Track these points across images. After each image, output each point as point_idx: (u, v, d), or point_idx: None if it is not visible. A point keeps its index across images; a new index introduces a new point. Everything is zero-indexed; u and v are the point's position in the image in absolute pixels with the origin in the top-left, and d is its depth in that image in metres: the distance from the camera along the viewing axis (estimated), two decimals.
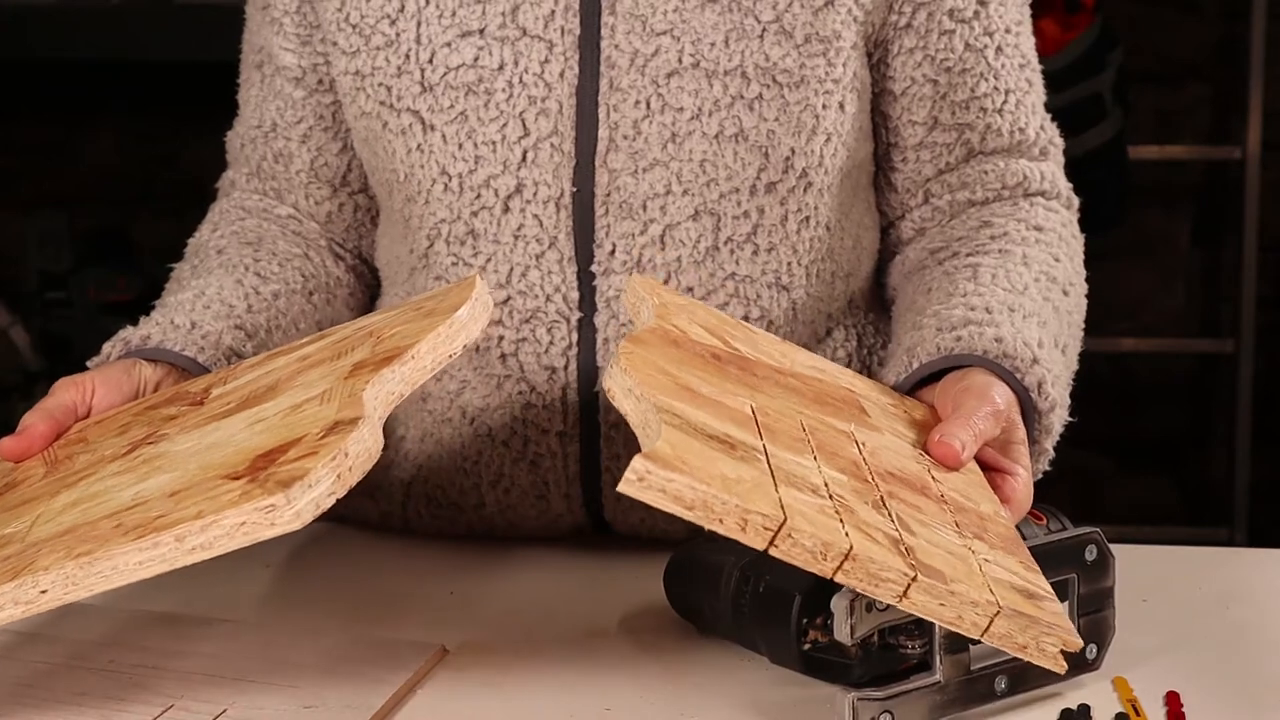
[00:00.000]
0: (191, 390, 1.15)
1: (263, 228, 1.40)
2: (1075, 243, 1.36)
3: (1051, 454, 1.20)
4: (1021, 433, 1.14)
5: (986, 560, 0.96)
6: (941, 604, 0.90)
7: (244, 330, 1.29)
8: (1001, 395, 1.13)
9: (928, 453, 1.07)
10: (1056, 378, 1.19)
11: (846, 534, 0.90)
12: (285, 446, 0.93)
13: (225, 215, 1.43)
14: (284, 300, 1.35)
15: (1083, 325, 1.32)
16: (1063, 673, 0.95)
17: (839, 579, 0.89)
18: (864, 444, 1.04)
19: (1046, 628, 0.93)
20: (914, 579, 0.90)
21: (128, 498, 0.98)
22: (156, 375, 1.24)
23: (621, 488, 0.88)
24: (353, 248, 1.44)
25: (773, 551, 0.88)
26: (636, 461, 0.87)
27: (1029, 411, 1.17)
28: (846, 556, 0.89)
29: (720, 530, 0.88)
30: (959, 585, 0.91)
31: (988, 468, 1.11)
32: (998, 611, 0.91)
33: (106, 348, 1.26)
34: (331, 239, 1.43)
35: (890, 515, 0.95)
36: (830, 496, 0.94)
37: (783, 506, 0.89)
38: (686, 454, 0.90)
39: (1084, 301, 1.33)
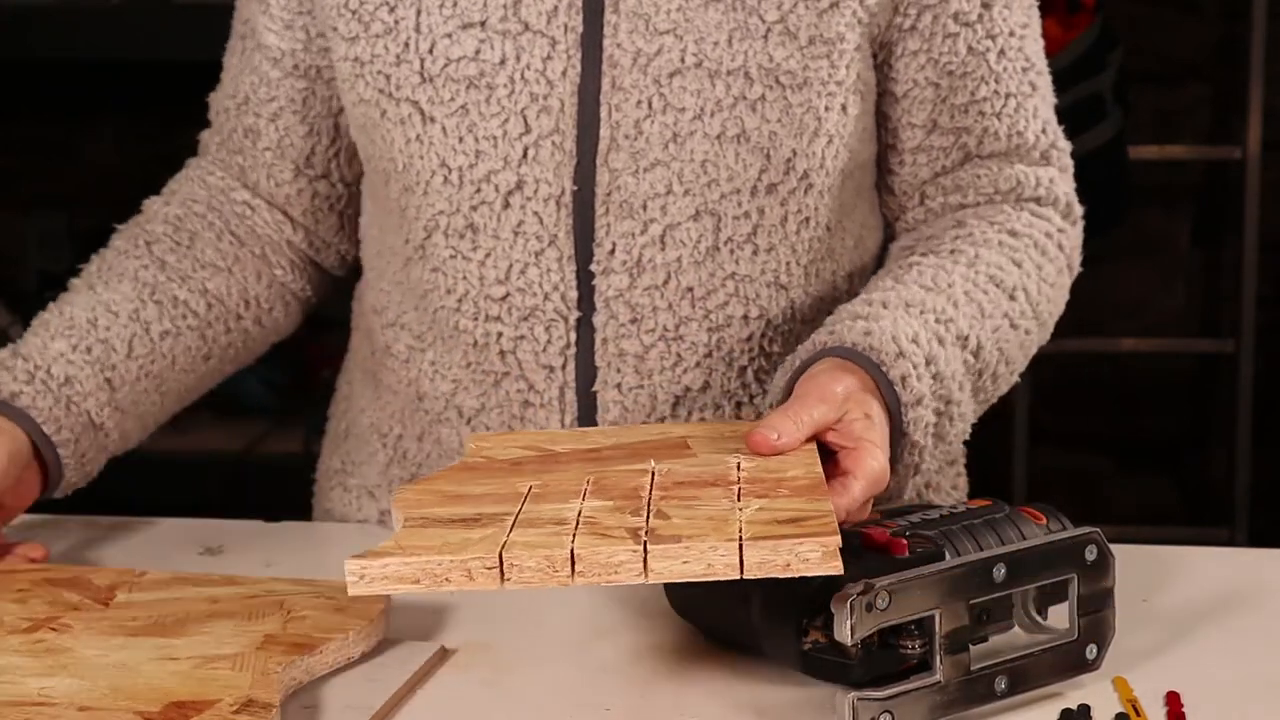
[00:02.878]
0: (96, 583, 1.18)
1: (205, 221, 1.41)
2: (1057, 251, 1.33)
3: (926, 445, 1.19)
4: (870, 410, 1.13)
5: (758, 509, 1.00)
6: (685, 562, 0.95)
7: (110, 385, 1.32)
8: (843, 383, 1.14)
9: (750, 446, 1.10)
10: (939, 373, 1.19)
11: (571, 542, 0.95)
12: (198, 704, 0.99)
13: (184, 185, 1.45)
14: (169, 342, 1.36)
15: (1036, 331, 1.30)
16: (840, 573, 0.96)
17: (580, 581, 0.95)
18: (660, 471, 1.09)
19: (799, 540, 0.95)
20: (647, 550, 0.95)
21: (33, 690, 1.02)
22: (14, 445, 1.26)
23: (351, 592, 0.95)
24: (302, 238, 1.44)
25: (509, 585, 0.95)
26: (349, 565, 0.95)
27: (897, 404, 1.17)
28: (573, 559, 0.95)
29: (452, 588, 0.95)
30: (696, 542, 0.95)
31: (835, 447, 1.12)
32: (740, 545, 0.95)
33: None
34: (279, 231, 1.43)
35: (647, 513, 1.00)
36: (577, 523, 0.99)
37: (503, 545, 0.95)
38: (406, 540, 0.98)
39: (1047, 312, 1.31)
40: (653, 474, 1.09)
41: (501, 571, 0.95)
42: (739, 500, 1.02)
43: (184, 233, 1.40)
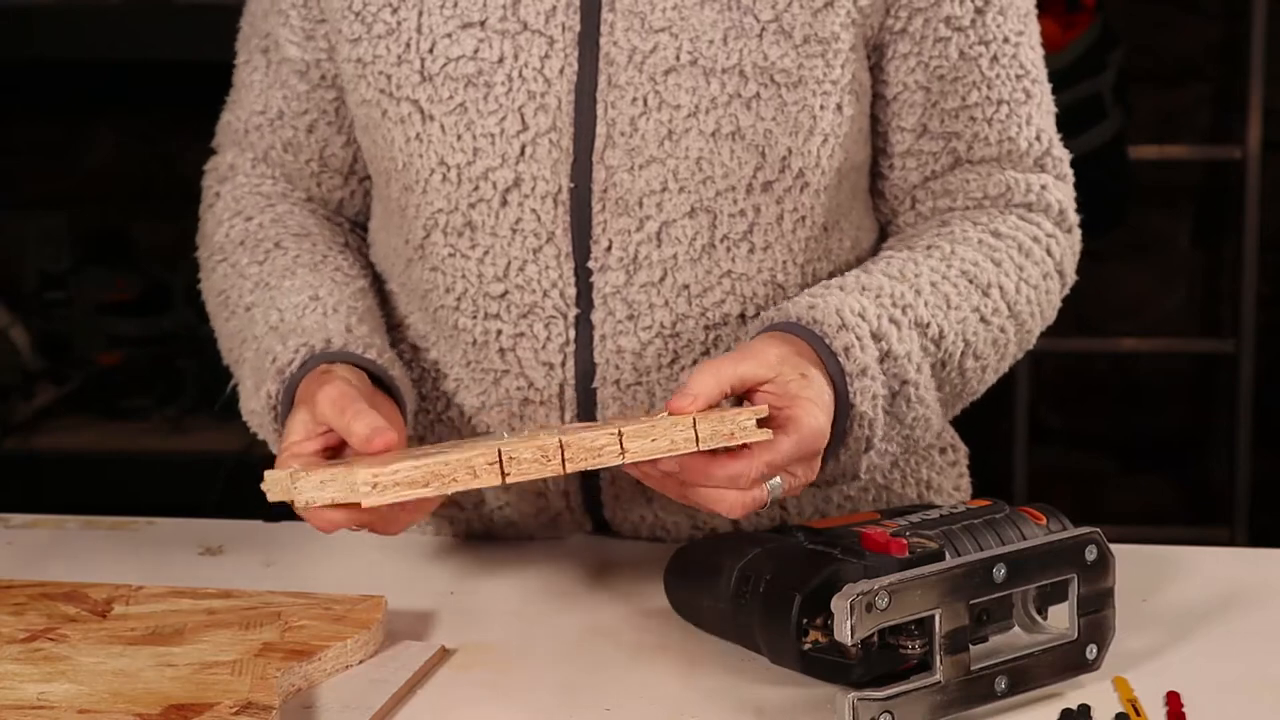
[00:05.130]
0: (93, 596, 1.19)
1: (297, 216, 1.40)
2: (1044, 256, 1.32)
3: (876, 418, 1.19)
4: (806, 371, 1.14)
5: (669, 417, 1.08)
6: (653, 439, 1.05)
7: (367, 325, 1.30)
8: (778, 348, 1.15)
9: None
10: (890, 350, 1.19)
11: (555, 435, 1.02)
12: (198, 706, 1.00)
13: (245, 201, 1.42)
14: (369, 296, 1.36)
15: (1013, 331, 1.29)
16: (771, 439, 1.08)
17: (570, 469, 1.02)
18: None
19: (736, 413, 1.07)
20: (622, 433, 1.04)
21: (32, 694, 1.02)
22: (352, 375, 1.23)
23: (366, 503, 0.98)
24: (361, 230, 1.46)
25: (509, 479, 1.00)
26: (359, 476, 0.97)
27: (841, 376, 1.18)
28: (562, 447, 1.02)
29: (458, 488, 1.00)
30: (659, 422, 1.05)
31: (772, 409, 1.12)
32: (694, 421, 1.05)
33: (287, 354, 1.24)
34: (344, 222, 1.44)
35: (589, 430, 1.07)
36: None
37: (498, 448, 1.01)
38: (394, 458, 1.01)
39: (1027, 313, 1.30)
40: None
41: (501, 466, 0.99)
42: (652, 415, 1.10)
43: (294, 227, 1.39)
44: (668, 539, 1.35)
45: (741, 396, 1.14)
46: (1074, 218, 1.37)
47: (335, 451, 1.19)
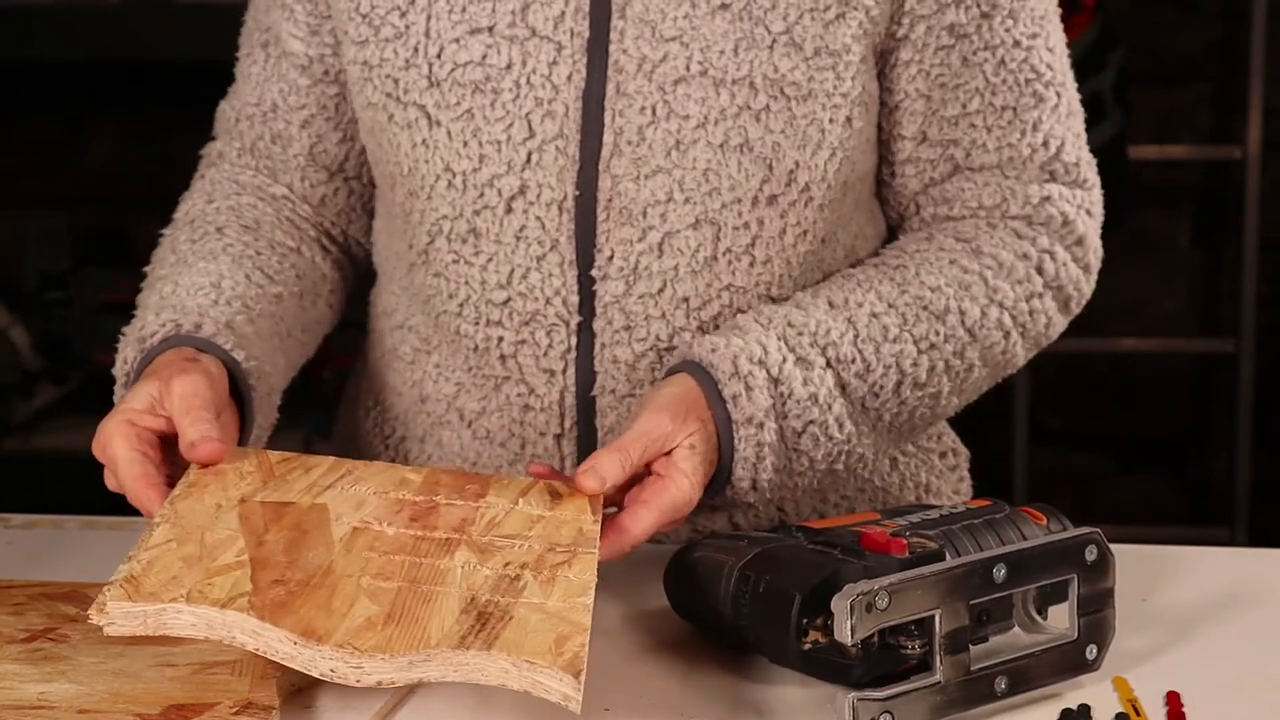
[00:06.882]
0: (92, 596, 1.17)
1: (259, 210, 1.38)
2: (1031, 274, 1.31)
3: (762, 462, 1.22)
4: (695, 441, 1.18)
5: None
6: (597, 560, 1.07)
7: (253, 329, 1.27)
8: (670, 420, 1.18)
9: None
10: (791, 393, 1.21)
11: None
12: (198, 706, 1.00)
13: (218, 186, 1.40)
14: (284, 305, 1.32)
15: (976, 354, 1.29)
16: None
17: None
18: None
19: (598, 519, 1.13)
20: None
21: (32, 694, 1.02)
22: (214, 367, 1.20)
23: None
24: (339, 233, 1.44)
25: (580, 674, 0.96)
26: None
27: (727, 422, 1.21)
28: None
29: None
30: (599, 547, 1.09)
31: (652, 471, 1.18)
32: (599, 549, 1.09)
33: (154, 325, 1.21)
34: (320, 224, 1.42)
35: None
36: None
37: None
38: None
39: (997, 335, 1.29)
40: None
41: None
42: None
43: (248, 218, 1.37)
44: (667, 540, 1.35)
45: None
46: (1084, 228, 1.33)
47: (168, 439, 1.16)
